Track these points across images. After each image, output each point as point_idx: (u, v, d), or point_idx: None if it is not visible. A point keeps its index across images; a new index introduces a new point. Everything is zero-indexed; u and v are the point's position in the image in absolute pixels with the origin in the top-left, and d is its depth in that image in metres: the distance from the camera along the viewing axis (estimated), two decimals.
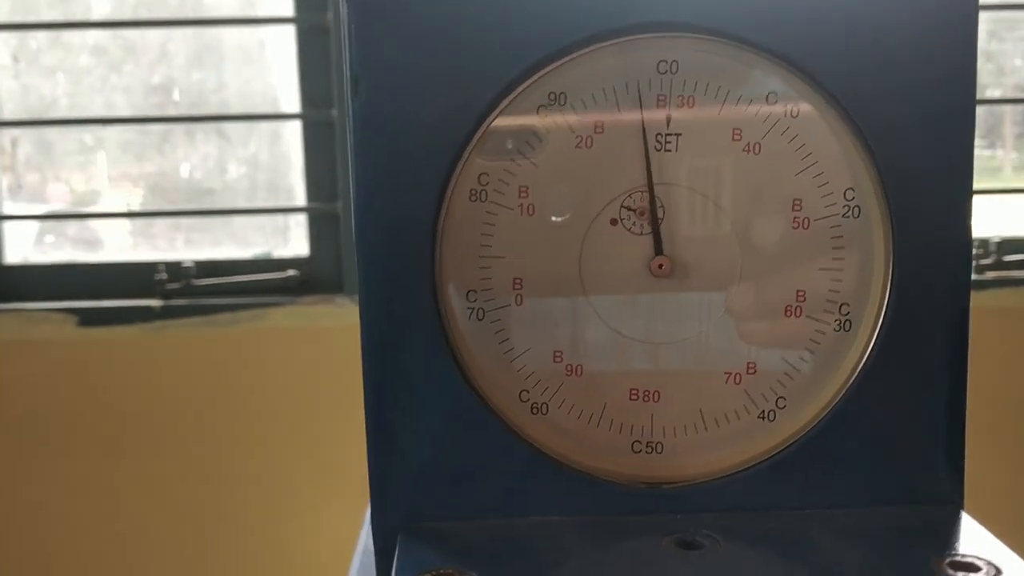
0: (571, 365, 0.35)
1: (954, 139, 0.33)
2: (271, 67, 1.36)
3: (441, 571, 0.30)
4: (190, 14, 1.33)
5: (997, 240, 1.34)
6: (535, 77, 0.33)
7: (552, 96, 0.34)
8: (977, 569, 0.29)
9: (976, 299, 1.23)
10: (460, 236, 0.34)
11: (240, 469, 1.29)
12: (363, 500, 0.79)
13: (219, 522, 1.30)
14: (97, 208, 1.41)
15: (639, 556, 0.32)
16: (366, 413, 0.34)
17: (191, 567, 1.31)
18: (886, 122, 0.33)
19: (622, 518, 0.34)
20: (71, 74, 1.36)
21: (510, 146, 0.34)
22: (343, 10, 0.32)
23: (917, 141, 0.33)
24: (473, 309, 0.35)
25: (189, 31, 1.32)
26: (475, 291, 0.35)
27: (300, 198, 1.33)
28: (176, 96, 1.37)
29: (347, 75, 0.32)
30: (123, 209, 1.40)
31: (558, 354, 0.35)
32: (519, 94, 0.34)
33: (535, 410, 0.35)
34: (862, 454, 0.35)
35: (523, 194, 0.34)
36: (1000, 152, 1.50)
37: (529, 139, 0.34)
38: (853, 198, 0.34)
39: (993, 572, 0.29)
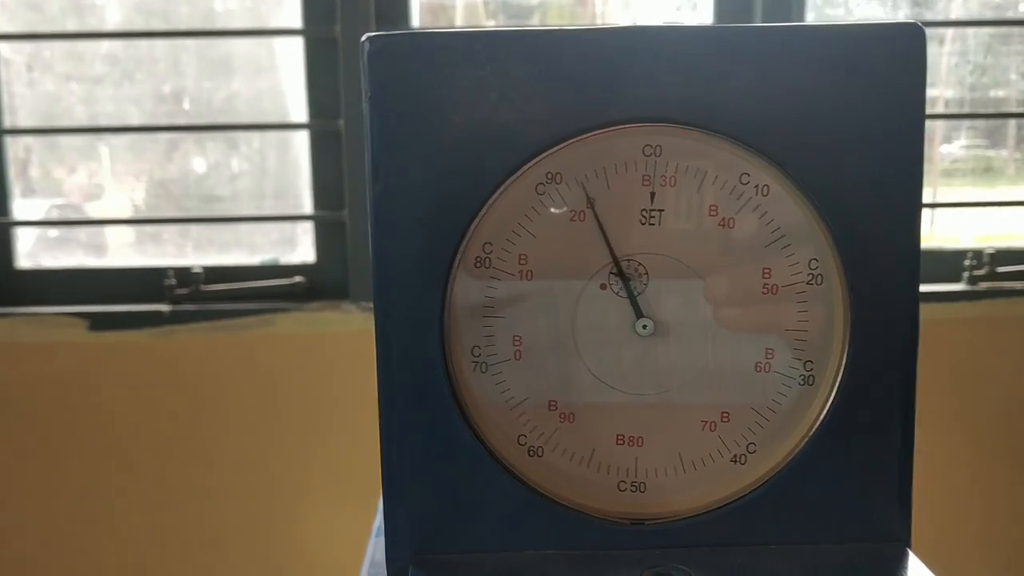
0: (564, 413, 0.40)
1: (903, 218, 0.38)
2: (281, 77, 1.39)
3: None
4: (201, 25, 1.36)
5: (991, 251, 1.37)
6: (535, 161, 0.37)
7: (549, 175, 0.38)
8: None
9: (970, 310, 1.27)
10: (466, 299, 0.39)
11: (248, 472, 1.33)
12: (370, 502, 0.83)
13: (227, 524, 1.34)
14: (106, 211, 1.44)
15: None
16: (381, 455, 0.38)
17: (200, 570, 1.35)
18: (842, 201, 0.38)
19: (608, 552, 0.38)
20: (84, 82, 1.39)
21: (510, 220, 0.38)
22: (365, 108, 0.36)
23: (870, 220, 0.38)
24: (477, 363, 0.39)
25: (200, 42, 1.36)
26: (479, 347, 0.39)
27: (307, 206, 1.37)
28: (186, 105, 1.41)
29: (368, 165, 0.36)
30: (131, 213, 1.44)
31: (553, 403, 0.40)
32: (520, 175, 0.38)
33: (532, 453, 0.40)
34: (822, 496, 0.39)
35: (523, 261, 0.39)
36: (1004, 153, 1.53)
37: (528, 213, 0.38)
38: (816, 267, 0.39)
39: None
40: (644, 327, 0.39)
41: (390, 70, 0.36)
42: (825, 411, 0.39)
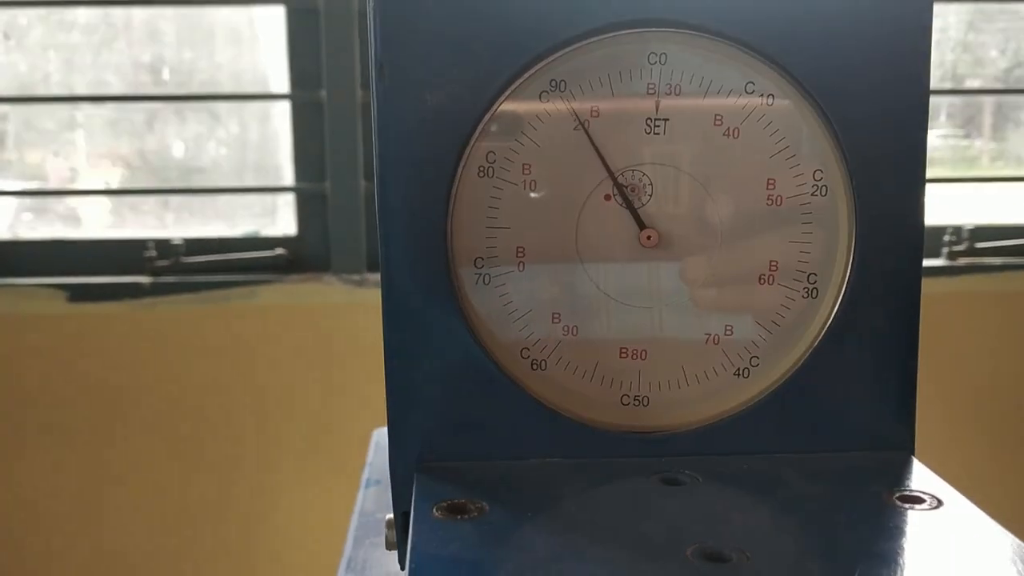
0: (568, 326, 0.39)
1: (910, 126, 0.38)
2: (261, 47, 1.38)
3: (455, 502, 0.34)
4: None
5: (970, 227, 1.38)
6: (539, 66, 0.37)
7: (553, 83, 0.38)
8: (922, 501, 0.33)
9: (949, 285, 1.28)
10: (469, 209, 0.38)
11: (229, 444, 1.32)
12: (352, 471, 0.82)
13: (209, 497, 1.33)
14: (83, 185, 1.42)
15: (628, 492, 0.36)
16: (386, 365, 0.38)
17: (181, 541, 1.34)
18: (850, 110, 0.38)
19: (612, 460, 0.38)
20: (61, 51, 1.37)
21: (514, 128, 0.38)
22: (369, 3, 0.35)
23: (877, 128, 0.38)
24: (480, 274, 0.39)
25: (180, 11, 1.34)
26: (482, 258, 0.39)
27: (288, 178, 1.36)
28: (166, 75, 1.39)
29: (372, 62, 0.36)
30: (110, 186, 1.42)
31: (556, 316, 0.39)
32: (524, 81, 0.37)
33: (535, 366, 0.39)
34: (826, 406, 0.39)
35: (526, 171, 0.38)
36: (978, 142, 1.54)
37: (532, 121, 0.38)
38: (821, 178, 0.39)
39: (935, 503, 0.33)
40: (648, 238, 0.39)
41: None
42: (829, 323, 0.39)
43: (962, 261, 1.38)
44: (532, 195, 0.38)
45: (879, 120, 0.38)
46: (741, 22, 0.37)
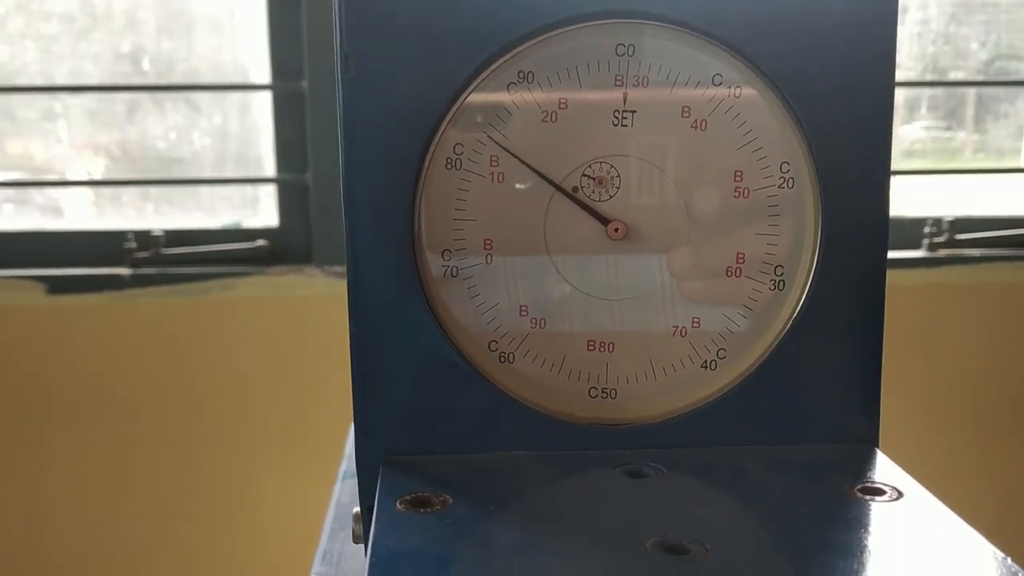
0: (535, 319, 0.39)
1: (876, 119, 0.38)
2: (242, 37, 1.37)
3: (419, 495, 0.33)
4: None
5: (950, 219, 1.39)
6: (507, 57, 0.37)
7: (521, 74, 0.38)
8: (883, 493, 0.34)
9: (929, 276, 1.28)
10: (437, 200, 0.38)
11: (209, 437, 1.31)
12: (332, 463, 0.82)
13: (189, 488, 1.32)
14: (64, 175, 1.41)
15: (591, 484, 0.36)
16: (352, 358, 0.38)
17: (161, 532, 1.33)
18: (817, 102, 0.38)
19: (578, 453, 0.38)
20: (40, 41, 1.36)
21: (481, 120, 0.38)
22: None
23: (843, 120, 0.38)
24: (448, 267, 0.39)
25: (159, 1, 1.33)
26: (449, 250, 0.39)
27: (270, 169, 1.35)
28: (145, 65, 1.38)
29: (338, 53, 0.36)
30: (92, 176, 1.41)
31: (524, 308, 0.39)
32: (491, 72, 0.37)
33: (502, 359, 0.39)
34: (792, 399, 0.39)
35: (494, 163, 0.38)
36: (962, 135, 1.54)
37: (499, 113, 0.38)
38: (788, 170, 0.39)
39: (896, 495, 0.33)
40: (616, 230, 0.39)
41: None
42: (795, 315, 0.39)
43: (942, 252, 1.38)
44: (500, 187, 0.38)
45: (845, 112, 0.38)
46: (708, 14, 0.37)
